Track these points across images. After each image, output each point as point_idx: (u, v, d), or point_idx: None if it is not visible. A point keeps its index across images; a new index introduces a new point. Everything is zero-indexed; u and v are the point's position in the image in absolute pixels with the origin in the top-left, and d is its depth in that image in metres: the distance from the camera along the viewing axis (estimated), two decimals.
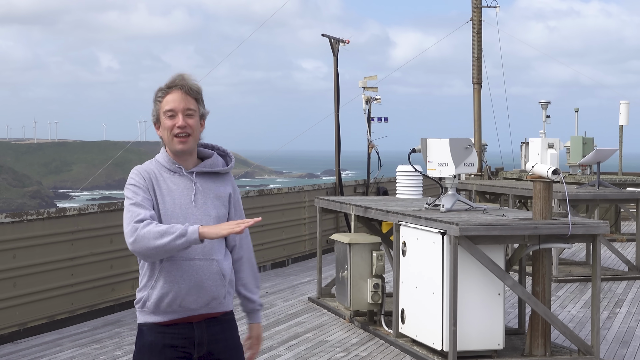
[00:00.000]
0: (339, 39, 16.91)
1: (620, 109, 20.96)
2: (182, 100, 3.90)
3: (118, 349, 8.58)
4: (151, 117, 3.99)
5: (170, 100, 3.91)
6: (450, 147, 8.56)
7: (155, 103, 3.96)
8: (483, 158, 18.86)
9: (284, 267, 14.39)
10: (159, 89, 3.96)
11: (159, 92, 3.95)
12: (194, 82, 3.96)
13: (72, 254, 9.82)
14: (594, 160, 13.83)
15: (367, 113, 17.01)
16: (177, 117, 3.90)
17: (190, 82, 3.94)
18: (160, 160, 4.00)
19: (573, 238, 8.02)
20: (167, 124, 3.91)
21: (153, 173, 3.96)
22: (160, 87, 3.96)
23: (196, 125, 3.94)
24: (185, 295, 3.89)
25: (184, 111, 3.90)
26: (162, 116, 3.93)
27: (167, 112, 3.91)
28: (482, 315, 7.89)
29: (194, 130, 3.92)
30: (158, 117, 3.95)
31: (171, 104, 3.90)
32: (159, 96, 3.94)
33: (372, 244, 9.49)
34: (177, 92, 3.91)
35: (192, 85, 3.95)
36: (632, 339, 9.17)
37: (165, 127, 3.92)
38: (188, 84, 3.93)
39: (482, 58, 19.39)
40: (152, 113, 3.98)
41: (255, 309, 4.20)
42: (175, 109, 3.90)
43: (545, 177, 7.98)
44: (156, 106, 3.95)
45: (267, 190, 14.74)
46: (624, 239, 17.17)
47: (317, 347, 8.73)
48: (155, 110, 3.96)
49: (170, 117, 3.91)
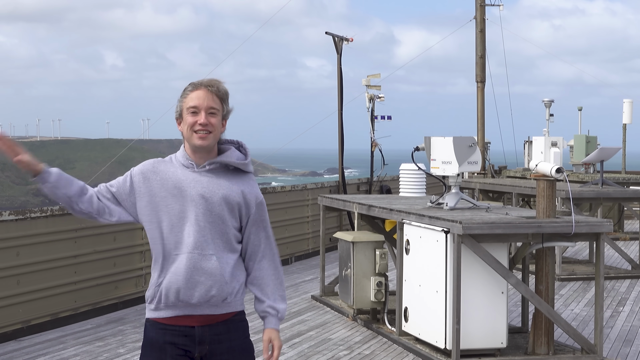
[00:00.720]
0: (342, 37, 16.91)
1: (624, 107, 20.93)
2: (206, 99, 3.92)
3: (121, 347, 8.58)
4: (175, 112, 4.01)
5: (195, 97, 3.93)
6: (454, 146, 8.56)
7: (180, 99, 3.98)
8: (486, 156, 18.86)
9: (287, 265, 14.39)
10: (187, 85, 3.99)
11: (186, 89, 3.97)
12: (222, 85, 3.99)
13: (75, 252, 9.83)
14: (597, 158, 13.83)
15: (371, 111, 17.00)
16: (199, 115, 3.92)
17: (218, 84, 3.97)
18: (177, 155, 4.03)
19: (576, 236, 8.02)
20: (189, 120, 3.93)
21: (155, 170, 3.97)
22: (189, 83, 3.99)
23: (218, 124, 3.95)
24: (182, 288, 3.88)
25: (207, 109, 3.92)
26: (185, 112, 3.94)
27: (190, 109, 3.92)
28: (485, 313, 7.89)
29: (215, 128, 3.93)
30: (181, 112, 3.97)
31: (195, 100, 3.92)
32: (184, 93, 3.97)
33: (375, 242, 9.49)
34: (203, 91, 3.94)
35: (220, 86, 3.97)
36: (636, 337, 9.16)
37: (187, 123, 3.93)
38: (217, 84, 3.96)
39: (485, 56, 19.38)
40: (176, 109, 4.00)
41: (265, 313, 4.05)
42: (199, 106, 3.91)
43: (548, 175, 7.98)
44: (180, 102, 3.97)
45: (270, 189, 14.75)
46: (627, 238, 17.16)
47: (320, 345, 8.73)
48: (179, 106, 3.98)
49: (192, 114, 3.92)
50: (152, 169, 3.99)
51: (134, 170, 4.03)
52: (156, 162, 4.03)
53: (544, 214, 7.96)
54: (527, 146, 16.58)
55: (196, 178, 3.95)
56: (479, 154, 8.76)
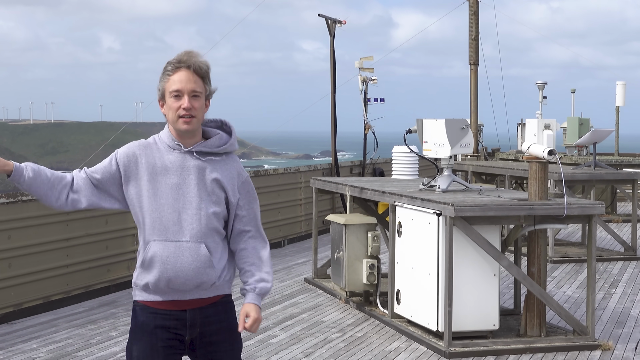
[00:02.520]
0: (335, 19, 16.84)
1: (617, 89, 20.93)
2: (188, 81, 3.88)
3: (113, 330, 8.58)
4: (157, 92, 3.97)
5: (177, 80, 3.89)
6: (446, 128, 8.54)
7: (161, 79, 3.93)
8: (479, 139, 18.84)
9: (279, 247, 14.39)
10: (166, 64, 3.93)
11: (166, 68, 3.92)
12: (202, 59, 3.93)
13: (67, 235, 9.81)
14: (590, 141, 13.83)
15: (363, 94, 16.96)
16: (182, 99, 3.89)
17: (198, 60, 3.91)
18: (162, 136, 4.00)
19: (569, 219, 8.02)
20: (173, 105, 3.90)
21: (141, 153, 3.94)
22: (168, 62, 3.92)
23: (201, 106, 3.92)
24: (172, 276, 3.87)
25: (190, 93, 3.89)
26: (167, 95, 3.91)
27: (173, 92, 3.89)
28: (477, 295, 7.89)
29: (198, 112, 3.91)
30: (163, 94, 3.93)
31: (177, 84, 3.88)
32: (165, 73, 3.92)
33: (367, 224, 9.49)
34: (184, 72, 3.89)
35: (201, 63, 3.92)
36: (628, 319, 9.18)
37: (171, 108, 3.91)
38: (197, 62, 3.90)
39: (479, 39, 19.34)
40: (158, 88, 3.96)
41: (245, 290, 4.01)
42: (182, 89, 3.88)
43: (541, 157, 7.97)
44: (162, 83, 3.93)
45: (263, 171, 14.72)
46: (619, 220, 17.19)
47: (312, 327, 8.73)
48: (160, 88, 3.94)
49: (175, 98, 3.89)
50: (138, 152, 3.96)
51: (118, 153, 3.98)
52: (141, 145, 3.98)
53: (536, 196, 7.95)
54: (520, 128, 16.56)
55: (183, 162, 3.93)
56: (472, 136, 8.74)
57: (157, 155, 3.94)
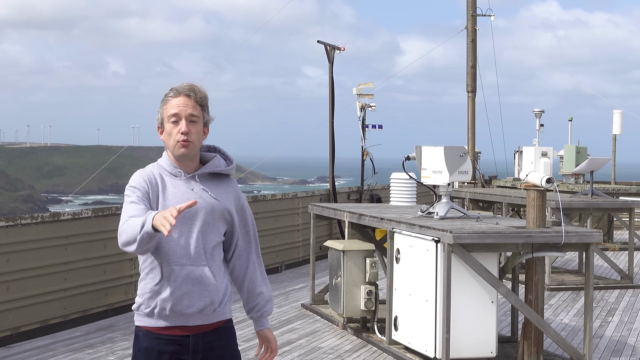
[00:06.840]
0: (334, 45, 16.93)
1: (614, 118, 21.01)
2: (186, 106, 3.94)
3: (111, 354, 8.57)
4: (156, 121, 4.02)
5: (175, 104, 3.94)
6: (445, 155, 8.59)
7: (161, 106, 4.00)
8: (477, 166, 18.90)
9: (277, 273, 14.39)
10: (166, 93, 3.99)
11: (167, 95, 3.98)
12: (202, 90, 4.00)
13: (65, 259, 9.81)
14: (587, 169, 13.87)
15: (362, 120, 17.03)
16: (180, 123, 3.93)
17: (198, 89, 3.98)
18: (162, 163, 4.04)
19: (566, 247, 8.04)
20: (171, 130, 3.94)
21: (154, 176, 3.98)
22: (169, 90, 3.99)
23: (198, 132, 3.97)
24: (177, 300, 3.90)
25: (188, 117, 3.93)
26: (166, 120, 3.96)
27: (171, 117, 3.94)
28: (475, 322, 7.90)
29: (195, 137, 3.95)
30: (162, 121, 3.98)
31: (175, 108, 3.93)
32: (164, 101, 3.98)
33: (365, 250, 9.51)
34: (183, 98, 3.95)
35: (200, 93, 3.98)
36: (624, 347, 9.19)
37: (168, 132, 3.95)
38: (196, 90, 3.97)
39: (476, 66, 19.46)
40: (157, 117, 4.01)
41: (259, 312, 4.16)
42: (180, 113, 3.93)
43: (539, 185, 8.01)
44: (161, 109, 3.99)
45: (261, 197, 14.74)
46: (616, 248, 17.20)
47: (310, 353, 8.73)
48: (160, 115, 4.00)
49: (174, 123, 3.94)
50: (149, 177, 3.98)
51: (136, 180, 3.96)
52: (144, 174, 4.00)
53: (534, 224, 7.99)
54: (518, 156, 16.61)
55: (187, 189, 3.97)
56: (470, 164, 8.79)
57: (161, 182, 3.98)
